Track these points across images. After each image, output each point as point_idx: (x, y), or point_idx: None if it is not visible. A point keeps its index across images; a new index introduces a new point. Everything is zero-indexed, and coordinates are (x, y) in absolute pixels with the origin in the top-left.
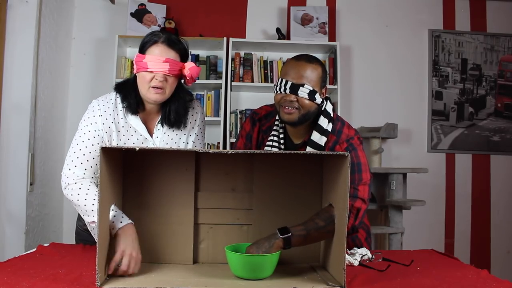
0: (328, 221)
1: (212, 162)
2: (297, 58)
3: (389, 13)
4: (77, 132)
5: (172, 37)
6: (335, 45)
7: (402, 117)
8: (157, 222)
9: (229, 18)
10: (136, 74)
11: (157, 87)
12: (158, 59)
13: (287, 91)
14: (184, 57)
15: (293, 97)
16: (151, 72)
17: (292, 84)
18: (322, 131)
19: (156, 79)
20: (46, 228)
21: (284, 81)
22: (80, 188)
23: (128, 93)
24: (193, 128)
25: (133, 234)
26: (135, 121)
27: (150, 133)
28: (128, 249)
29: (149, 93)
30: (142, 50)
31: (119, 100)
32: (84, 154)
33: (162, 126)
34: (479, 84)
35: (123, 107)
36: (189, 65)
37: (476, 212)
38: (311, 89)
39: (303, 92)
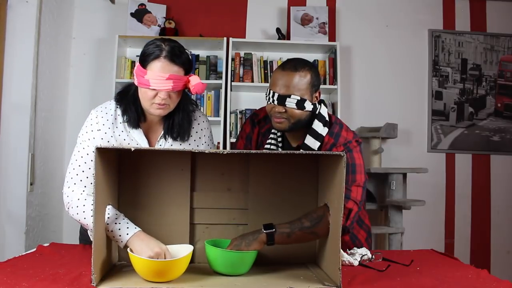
0: (314, 222)
1: (207, 162)
2: (283, 67)
3: (389, 13)
4: (76, 147)
5: (175, 50)
6: (335, 45)
7: (402, 117)
8: (153, 223)
9: (229, 18)
10: (138, 86)
11: (160, 104)
12: (161, 76)
13: (275, 102)
14: (188, 69)
15: (281, 108)
16: (154, 89)
17: (279, 96)
18: (316, 136)
19: (160, 96)
20: (46, 228)
21: (271, 92)
22: (78, 207)
23: (128, 106)
24: (198, 146)
25: (144, 239)
26: (137, 134)
27: (152, 146)
28: (149, 254)
29: (152, 109)
30: (143, 63)
31: (119, 111)
32: (83, 171)
33: (165, 139)
34: (479, 84)
35: (123, 121)
36: (194, 81)
37: (476, 212)
38: (299, 98)
39: (291, 103)
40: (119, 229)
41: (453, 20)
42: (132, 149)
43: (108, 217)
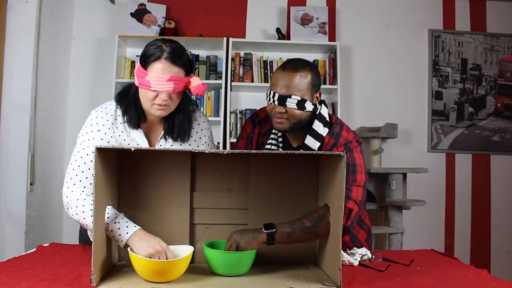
0: (314, 222)
1: (207, 162)
2: (283, 67)
3: (389, 13)
4: (76, 147)
5: (176, 51)
6: (335, 45)
7: (402, 117)
8: (153, 223)
9: (229, 18)
10: (138, 87)
11: (161, 104)
12: (162, 77)
13: (276, 102)
14: (188, 70)
15: (282, 109)
16: (155, 91)
17: (280, 96)
18: (316, 136)
19: (160, 97)
20: (46, 228)
21: (272, 92)
22: (78, 207)
23: (129, 106)
24: (198, 146)
25: (144, 237)
26: (138, 135)
27: (152, 146)
28: (150, 252)
29: (153, 109)
30: (144, 63)
31: (119, 111)
32: (83, 171)
33: (166, 140)
34: (479, 84)
35: (124, 121)
36: (195, 82)
37: (476, 212)
38: (299, 99)
39: (291, 103)
40: (119, 228)
41: (453, 20)
42: (132, 149)
43: (108, 217)
